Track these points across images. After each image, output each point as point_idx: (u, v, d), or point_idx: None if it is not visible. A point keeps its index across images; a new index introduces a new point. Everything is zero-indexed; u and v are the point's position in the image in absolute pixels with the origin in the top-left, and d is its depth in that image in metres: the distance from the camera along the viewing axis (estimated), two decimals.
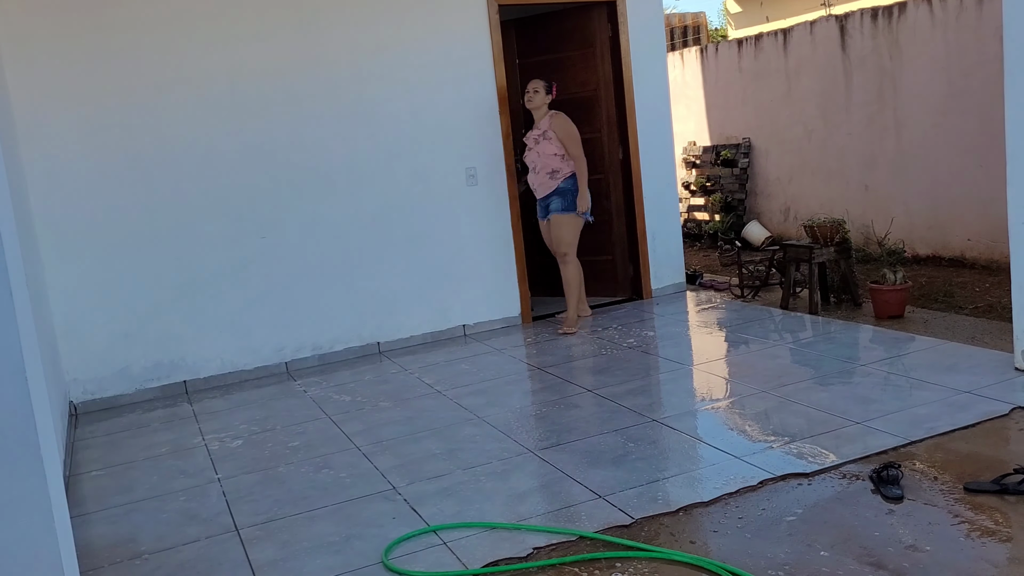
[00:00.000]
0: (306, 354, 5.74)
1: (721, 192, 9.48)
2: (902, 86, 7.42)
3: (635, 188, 6.65)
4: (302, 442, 4.30)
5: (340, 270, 5.77)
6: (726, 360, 5.09)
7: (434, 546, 3.06)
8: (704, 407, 4.26)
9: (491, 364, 5.39)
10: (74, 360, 5.19)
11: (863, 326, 5.43)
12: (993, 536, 2.75)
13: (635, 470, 3.52)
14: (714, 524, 3.01)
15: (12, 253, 1.95)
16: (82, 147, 5.10)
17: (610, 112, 6.64)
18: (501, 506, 3.32)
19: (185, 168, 5.35)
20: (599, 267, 6.89)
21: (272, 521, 3.41)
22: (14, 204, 3.00)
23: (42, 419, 1.96)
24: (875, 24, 7.61)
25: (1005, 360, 4.39)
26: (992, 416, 3.70)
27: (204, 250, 5.43)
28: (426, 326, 6.06)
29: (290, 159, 5.59)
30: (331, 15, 5.63)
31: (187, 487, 3.87)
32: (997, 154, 5.66)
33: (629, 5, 6.49)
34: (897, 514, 2.94)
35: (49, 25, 4.98)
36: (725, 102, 9.57)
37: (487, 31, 6.08)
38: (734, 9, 13.87)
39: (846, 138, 8.05)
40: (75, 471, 4.23)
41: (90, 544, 3.37)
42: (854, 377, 4.44)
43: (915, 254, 7.36)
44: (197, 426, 4.74)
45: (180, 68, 5.29)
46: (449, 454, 3.92)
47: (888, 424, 3.72)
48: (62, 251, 5.11)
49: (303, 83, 5.58)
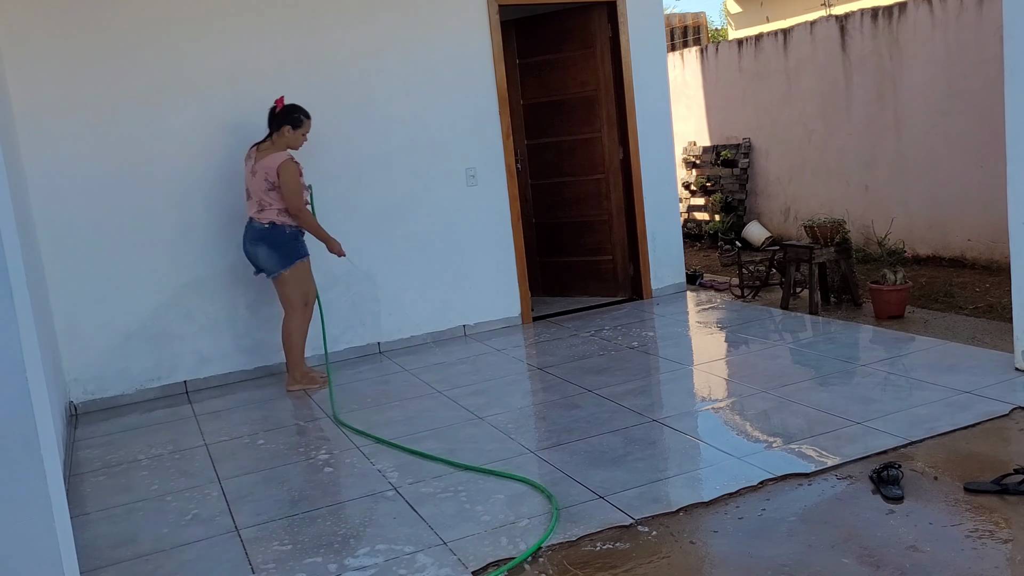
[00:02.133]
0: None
1: (721, 192, 9.48)
2: (902, 86, 7.42)
3: (635, 188, 6.65)
4: (302, 442, 4.30)
5: (340, 269, 5.77)
6: (726, 360, 5.09)
7: (434, 546, 3.05)
8: (704, 407, 4.26)
9: (491, 364, 5.39)
10: (74, 360, 5.19)
11: (863, 326, 5.43)
12: (993, 536, 2.75)
13: (635, 470, 3.52)
14: (714, 524, 3.01)
15: (12, 253, 1.95)
16: (82, 147, 5.10)
17: (610, 112, 6.64)
18: (501, 506, 3.32)
19: (185, 168, 5.35)
20: (599, 267, 6.89)
21: (272, 521, 3.41)
22: (14, 205, 3.00)
23: (42, 419, 1.96)
24: (875, 24, 7.61)
25: (1005, 360, 4.39)
26: (992, 416, 3.70)
27: (204, 250, 5.43)
28: (426, 326, 6.06)
29: None
30: (331, 15, 5.63)
31: (187, 487, 3.87)
32: (997, 154, 5.66)
33: (629, 5, 6.49)
34: (897, 514, 2.94)
35: (49, 26, 4.98)
36: (725, 102, 9.57)
37: (487, 31, 6.08)
38: (734, 9, 13.87)
39: (846, 138, 8.05)
40: (75, 471, 4.23)
41: (90, 544, 3.37)
42: (854, 377, 4.44)
43: (915, 254, 7.35)
44: (197, 426, 4.74)
45: (180, 68, 5.29)
46: (449, 454, 3.92)
47: (888, 424, 3.72)
48: (62, 251, 5.11)
49: (303, 83, 5.57)
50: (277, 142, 4.95)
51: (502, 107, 6.16)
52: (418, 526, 3.22)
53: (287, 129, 4.94)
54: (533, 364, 5.32)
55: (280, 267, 4.99)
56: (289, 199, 4.87)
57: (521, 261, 6.35)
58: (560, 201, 6.95)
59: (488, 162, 6.16)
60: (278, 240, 4.95)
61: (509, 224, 6.25)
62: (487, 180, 6.16)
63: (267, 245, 4.96)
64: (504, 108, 6.17)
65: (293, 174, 4.88)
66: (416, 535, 3.15)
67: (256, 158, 4.96)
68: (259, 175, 4.91)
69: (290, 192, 4.85)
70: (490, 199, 6.18)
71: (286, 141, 4.96)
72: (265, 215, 4.94)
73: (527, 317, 6.39)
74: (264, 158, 4.91)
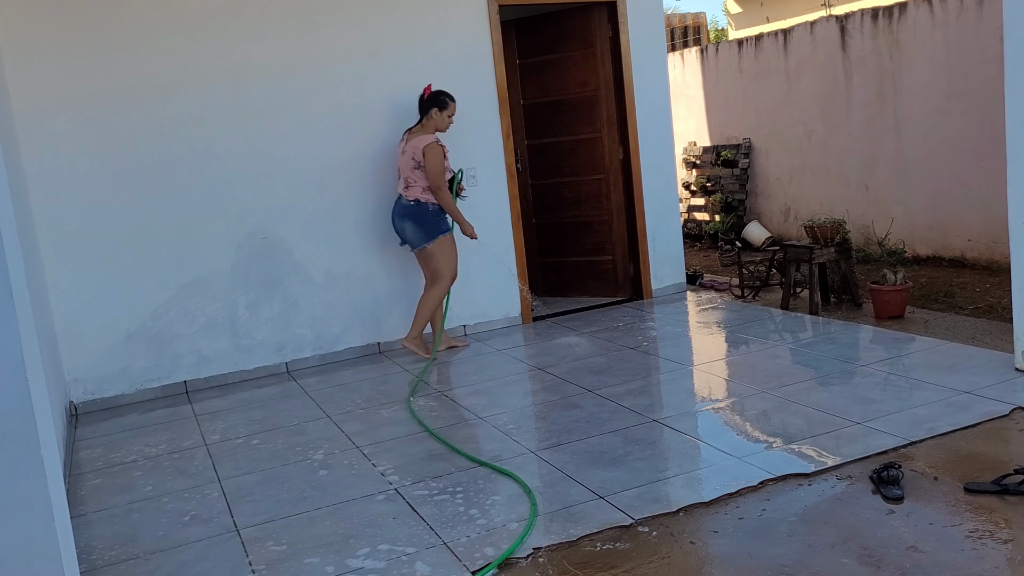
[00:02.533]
0: (306, 354, 5.74)
1: (721, 192, 9.48)
2: (902, 86, 7.42)
3: (635, 188, 6.65)
4: (302, 442, 4.30)
5: (340, 269, 5.77)
6: (726, 360, 5.09)
7: (434, 546, 3.06)
8: (704, 407, 4.26)
9: (491, 364, 5.39)
10: (74, 360, 5.19)
11: (863, 326, 5.43)
12: (993, 537, 2.75)
13: (635, 470, 3.52)
14: (714, 524, 3.01)
15: (12, 253, 1.95)
16: (82, 147, 5.10)
17: (610, 112, 6.64)
18: (502, 506, 3.32)
19: (185, 168, 5.35)
20: (599, 267, 6.89)
21: (272, 521, 3.41)
22: (14, 204, 3.00)
23: (42, 419, 1.96)
24: (875, 24, 7.61)
25: (1005, 360, 4.39)
26: (992, 416, 3.70)
27: (204, 250, 5.43)
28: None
29: (290, 159, 5.59)
30: (331, 15, 5.63)
31: (187, 487, 3.87)
32: (997, 154, 5.66)
33: (629, 5, 6.49)
34: (897, 514, 2.94)
35: (49, 25, 4.98)
36: (725, 102, 9.57)
37: (487, 31, 6.08)
38: (734, 9, 13.87)
39: (846, 138, 8.05)
40: (75, 471, 4.23)
41: (90, 544, 3.37)
42: (854, 377, 4.44)
43: (915, 254, 7.35)
44: (197, 426, 4.74)
45: (180, 68, 5.29)
46: (449, 454, 3.92)
47: (888, 424, 3.72)
48: (62, 251, 5.11)
49: (303, 84, 5.58)
50: (427, 125, 5.43)
51: (502, 107, 6.16)
52: (418, 526, 3.22)
53: (434, 111, 5.41)
54: (533, 364, 5.32)
55: (424, 241, 5.44)
56: (431, 178, 5.32)
57: (521, 261, 6.35)
58: (560, 201, 6.95)
59: (488, 162, 6.16)
60: (422, 216, 5.40)
61: (509, 224, 6.25)
62: (487, 180, 6.16)
63: (412, 220, 5.41)
64: (504, 108, 6.17)
65: (437, 155, 5.32)
66: (416, 535, 3.15)
67: (407, 139, 5.43)
68: (407, 155, 5.38)
69: (432, 172, 5.30)
70: (490, 199, 6.18)
71: (434, 123, 5.42)
72: (411, 192, 5.40)
73: (527, 317, 6.39)
74: (413, 139, 5.37)
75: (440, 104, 5.40)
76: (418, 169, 5.34)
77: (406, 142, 5.42)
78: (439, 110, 5.40)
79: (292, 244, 5.64)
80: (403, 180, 5.44)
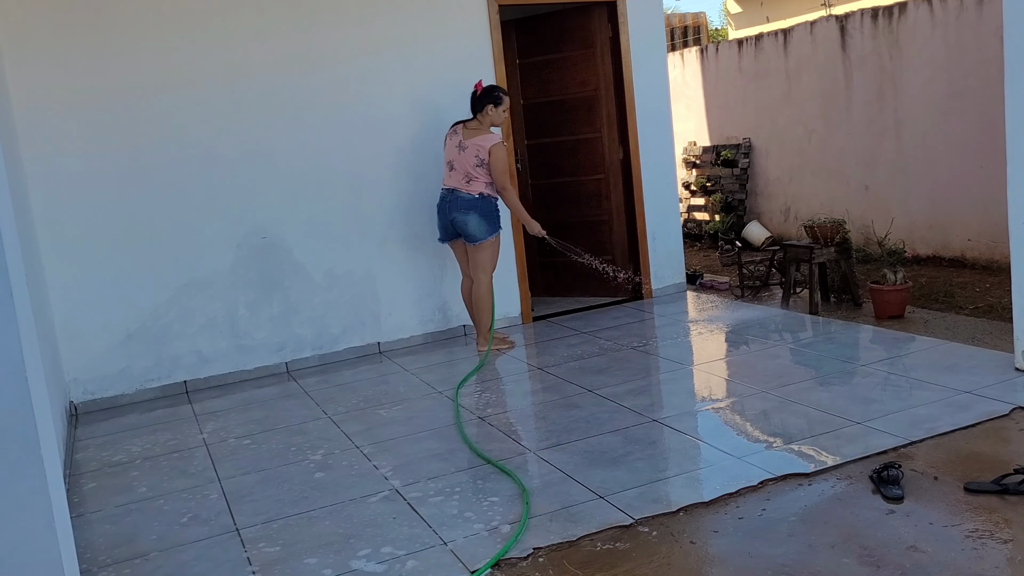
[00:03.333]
0: (306, 354, 5.74)
1: (721, 192, 9.48)
2: (902, 86, 7.42)
3: (635, 188, 6.65)
4: (302, 442, 4.30)
5: (340, 269, 5.77)
6: (726, 360, 5.09)
7: (434, 546, 3.06)
8: (704, 407, 4.26)
9: (491, 363, 5.39)
10: (74, 360, 5.19)
11: (863, 326, 5.43)
12: (993, 536, 2.75)
13: (635, 470, 3.52)
14: (714, 524, 3.01)
15: (12, 253, 1.95)
16: (82, 147, 5.10)
17: (610, 112, 6.64)
18: (502, 506, 3.32)
19: (185, 168, 5.35)
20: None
21: (272, 521, 3.41)
22: (14, 204, 3.00)
23: (42, 419, 1.96)
24: (875, 24, 7.61)
25: (1005, 360, 4.39)
26: (992, 416, 3.70)
27: (204, 250, 5.43)
28: (426, 326, 6.06)
29: (289, 159, 5.59)
30: (331, 15, 5.63)
31: (187, 487, 3.86)
32: (997, 154, 5.66)
33: (629, 5, 6.49)
34: (897, 514, 2.94)
35: (49, 25, 4.98)
36: (725, 102, 9.57)
37: (487, 31, 6.08)
38: (734, 9, 13.88)
39: (846, 138, 8.05)
40: (75, 471, 4.23)
41: (90, 544, 3.37)
42: (854, 377, 4.44)
43: (915, 254, 7.35)
44: (197, 426, 4.74)
45: (180, 68, 5.29)
46: (449, 454, 3.92)
47: (888, 424, 3.72)
48: (62, 251, 5.11)
49: (303, 83, 5.58)
50: (483, 121, 5.46)
51: None
52: (418, 526, 3.22)
53: (490, 108, 5.44)
54: (533, 364, 5.32)
55: (488, 234, 5.48)
56: (498, 177, 5.41)
57: (521, 261, 6.35)
58: (560, 201, 6.95)
59: None
60: (488, 210, 5.46)
61: (509, 224, 6.25)
62: None
63: (478, 214, 5.43)
64: None
65: (504, 156, 5.42)
66: (416, 535, 3.15)
67: (464, 135, 5.45)
68: (469, 151, 5.40)
69: (499, 171, 5.40)
70: None
71: (490, 119, 5.46)
72: (474, 187, 5.43)
73: (527, 317, 6.39)
74: (475, 136, 5.41)
75: (495, 100, 5.43)
76: (481, 167, 5.38)
77: (463, 137, 5.43)
78: (494, 106, 5.43)
79: (292, 244, 5.64)
80: (463, 175, 5.42)
